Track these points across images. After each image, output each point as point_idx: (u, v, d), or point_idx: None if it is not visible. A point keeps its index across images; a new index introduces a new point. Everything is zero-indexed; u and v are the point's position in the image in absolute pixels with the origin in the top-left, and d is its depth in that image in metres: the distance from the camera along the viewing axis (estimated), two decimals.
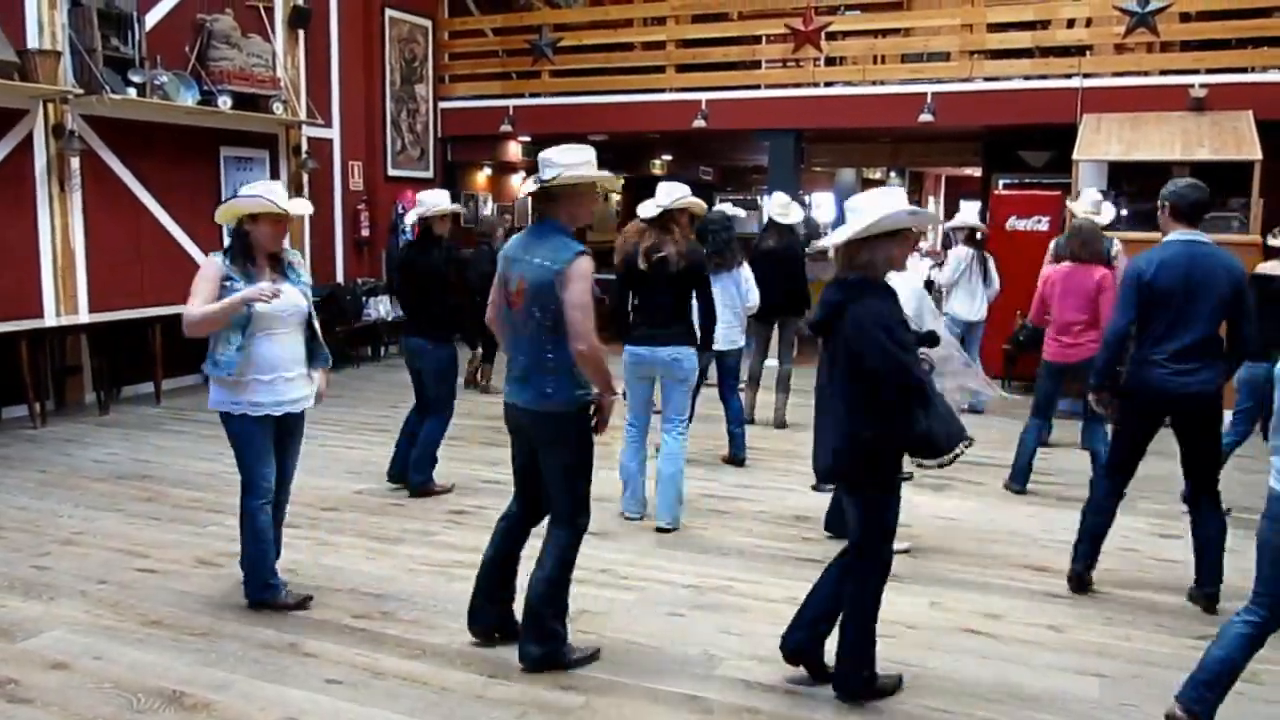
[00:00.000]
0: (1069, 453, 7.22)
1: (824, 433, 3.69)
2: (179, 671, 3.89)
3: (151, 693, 3.72)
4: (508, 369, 3.99)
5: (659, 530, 5.68)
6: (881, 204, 3.52)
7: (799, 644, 3.85)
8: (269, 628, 4.31)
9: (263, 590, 4.48)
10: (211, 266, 4.31)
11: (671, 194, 5.56)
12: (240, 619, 4.39)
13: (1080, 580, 4.87)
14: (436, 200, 6.43)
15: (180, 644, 4.14)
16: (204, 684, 3.79)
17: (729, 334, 6.79)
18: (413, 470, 6.32)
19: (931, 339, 4.17)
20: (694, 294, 5.68)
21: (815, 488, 6.18)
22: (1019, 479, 6.58)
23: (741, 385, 7.33)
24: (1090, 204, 7.27)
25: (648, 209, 5.63)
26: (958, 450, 3.58)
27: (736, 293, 6.87)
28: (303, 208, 4.57)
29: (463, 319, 7.60)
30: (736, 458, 7.14)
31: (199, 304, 4.19)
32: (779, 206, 8.16)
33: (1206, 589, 4.66)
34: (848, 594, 3.72)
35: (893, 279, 3.77)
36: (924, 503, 6.29)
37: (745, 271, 6.97)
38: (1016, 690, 3.84)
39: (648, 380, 5.81)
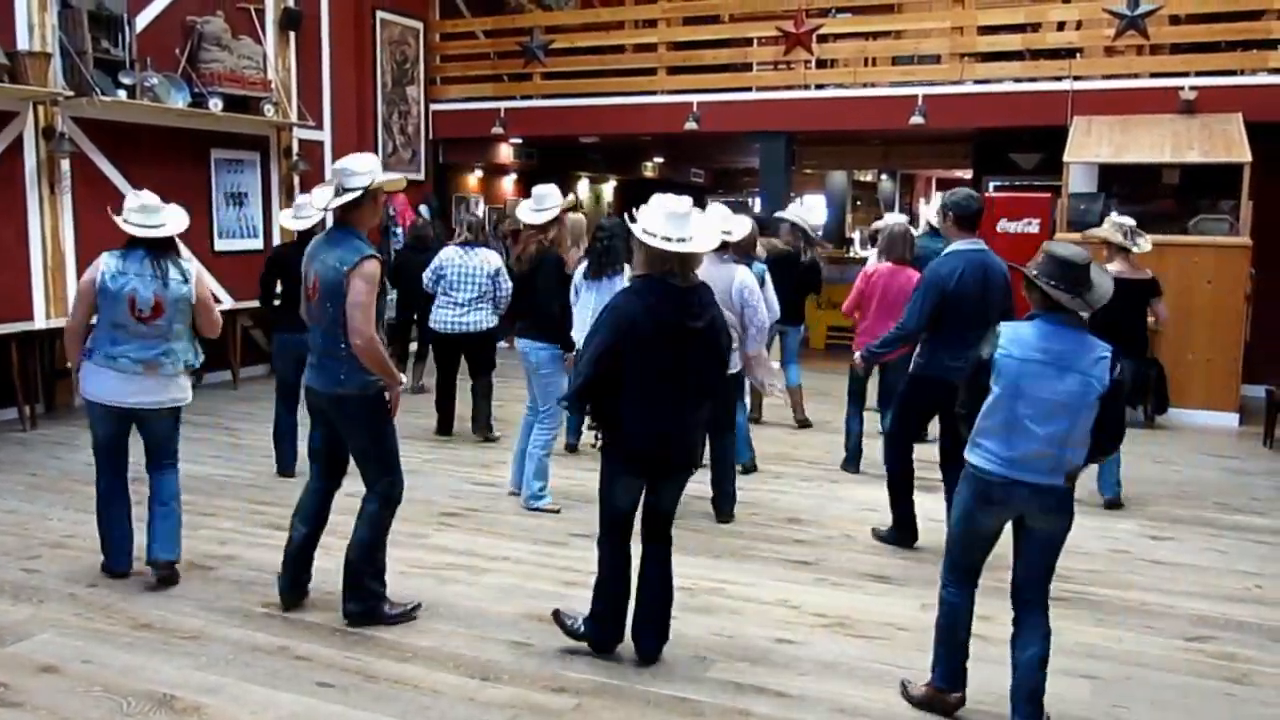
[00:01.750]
0: None
1: None
2: (169, 675, 3.88)
3: (142, 696, 3.71)
4: (309, 356, 4.31)
5: (511, 494, 6.34)
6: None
7: None
8: (260, 631, 4.30)
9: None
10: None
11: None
12: (231, 622, 4.38)
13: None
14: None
15: (171, 647, 4.13)
16: (195, 687, 3.78)
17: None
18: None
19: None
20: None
21: None
22: (852, 463, 7.20)
23: None
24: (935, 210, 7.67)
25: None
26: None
27: None
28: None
29: None
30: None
31: None
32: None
33: None
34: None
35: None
36: (916, 504, 6.30)
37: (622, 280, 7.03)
38: (1008, 692, 3.84)
39: (529, 374, 6.23)
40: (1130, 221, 6.91)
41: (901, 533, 5.65)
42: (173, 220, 4.72)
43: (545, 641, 4.22)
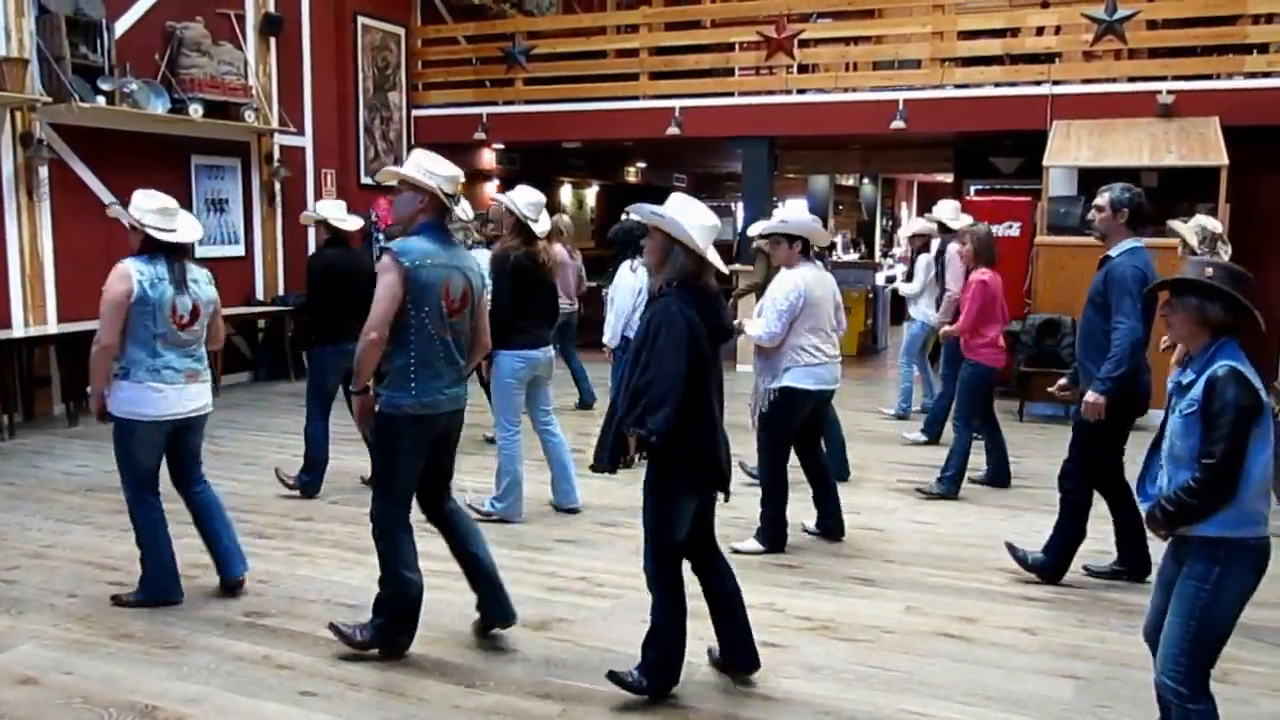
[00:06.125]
0: (1042, 457, 7.28)
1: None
2: (151, 685, 3.85)
3: (123, 707, 3.67)
4: (434, 375, 3.93)
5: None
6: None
7: None
8: (242, 640, 4.27)
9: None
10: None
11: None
12: (213, 631, 4.34)
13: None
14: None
15: (152, 657, 4.10)
16: (176, 698, 3.75)
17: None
18: None
19: None
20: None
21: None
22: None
23: None
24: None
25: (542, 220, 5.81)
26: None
27: None
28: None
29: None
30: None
31: None
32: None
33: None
34: None
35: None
36: (900, 508, 6.33)
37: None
38: (992, 693, 3.86)
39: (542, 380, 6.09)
40: (1217, 227, 5.88)
41: (1055, 575, 5.01)
42: (188, 224, 4.57)
43: (530, 648, 4.21)
